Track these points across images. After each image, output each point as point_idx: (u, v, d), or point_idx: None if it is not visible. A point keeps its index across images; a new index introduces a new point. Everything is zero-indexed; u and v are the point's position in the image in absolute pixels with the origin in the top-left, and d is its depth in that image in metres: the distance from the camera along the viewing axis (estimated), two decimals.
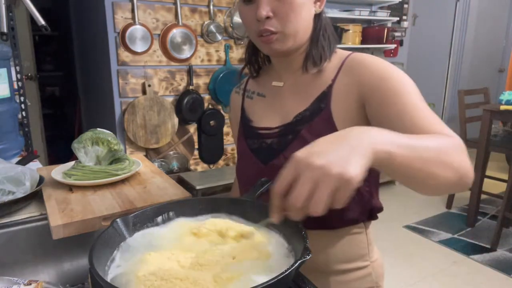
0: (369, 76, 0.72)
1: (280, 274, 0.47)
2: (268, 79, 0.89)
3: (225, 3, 2.73)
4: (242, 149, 0.89)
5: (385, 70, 0.72)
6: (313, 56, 0.78)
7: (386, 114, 0.69)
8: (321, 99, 0.77)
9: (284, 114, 0.82)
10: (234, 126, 0.97)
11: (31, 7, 1.28)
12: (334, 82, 0.77)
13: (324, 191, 0.45)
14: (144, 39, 2.46)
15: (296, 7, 0.72)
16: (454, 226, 3.01)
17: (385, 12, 3.62)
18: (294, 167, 0.47)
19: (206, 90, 2.81)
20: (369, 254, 0.85)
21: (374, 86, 0.71)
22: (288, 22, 0.73)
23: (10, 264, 0.88)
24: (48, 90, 4.59)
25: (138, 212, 0.67)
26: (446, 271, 2.43)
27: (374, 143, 0.48)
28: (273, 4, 0.72)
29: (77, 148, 1.00)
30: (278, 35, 0.74)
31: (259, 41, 0.77)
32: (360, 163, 0.46)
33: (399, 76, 0.71)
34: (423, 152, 0.53)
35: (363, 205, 0.80)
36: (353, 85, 0.74)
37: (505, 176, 2.90)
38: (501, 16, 4.97)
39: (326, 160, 0.45)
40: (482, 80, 4.53)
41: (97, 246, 0.56)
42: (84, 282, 0.87)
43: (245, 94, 0.94)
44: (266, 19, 0.72)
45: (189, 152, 2.83)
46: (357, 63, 0.75)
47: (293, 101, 0.82)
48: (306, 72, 0.80)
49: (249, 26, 0.77)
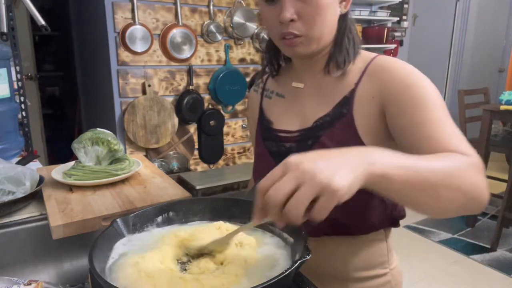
0: (393, 82, 0.69)
1: (280, 274, 0.47)
2: (288, 79, 0.86)
3: (225, 3, 2.73)
4: (260, 150, 0.86)
5: (410, 77, 0.68)
6: (336, 58, 0.75)
7: (404, 123, 0.66)
8: (343, 104, 0.74)
9: (303, 118, 0.80)
10: (252, 125, 0.94)
11: (31, 7, 1.28)
12: (357, 87, 0.73)
13: (306, 193, 0.43)
14: (144, 39, 2.46)
15: (322, 9, 0.68)
16: (454, 226, 3.01)
17: (385, 12, 3.62)
18: (282, 167, 0.46)
19: (206, 90, 2.81)
20: (389, 262, 0.83)
21: (396, 93, 0.68)
22: (313, 25, 0.69)
23: (10, 264, 0.88)
24: (48, 90, 4.59)
25: (138, 212, 0.67)
26: (446, 271, 2.43)
27: (370, 163, 0.47)
28: (298, 5, 0.68)
29: (77, 148, 1.00)
30: (302, 39, 0.70)
31: (281, 44, 0.74)
32: (348, 178, 0.44)
33: (424, 85, 0.67)
34: (428, 174, 0.51)
35: (385, 212, 0.78)
36: (375, 90, 0.71)
37: (505, 176, 2.90)
38: (501, 16, 4.97)
39: (315, 166, 0.44)
40: (482, 80, 4.53)
41: (97, 246, 0.56)
42: (84, 282, 0.87)
43: (264, 93, 0.91)
44: (290, 22, 0.69)
45: (189, 152, 2.83)
46: (382, 68, 0.72)
47: (313, 105, 0.79)
48: (329, 75, 0.77)
49: (271, 28, 0.74)
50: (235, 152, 3.05)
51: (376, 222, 0.77)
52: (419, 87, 0.67)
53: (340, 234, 0.78)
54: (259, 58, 2.96)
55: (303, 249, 0.53)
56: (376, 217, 0.77)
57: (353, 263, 0.80)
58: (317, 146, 0.75)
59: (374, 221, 0.77)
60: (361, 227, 0.78)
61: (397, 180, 0.49)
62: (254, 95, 0.94)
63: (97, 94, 3.01)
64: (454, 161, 0.55)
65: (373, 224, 0.77)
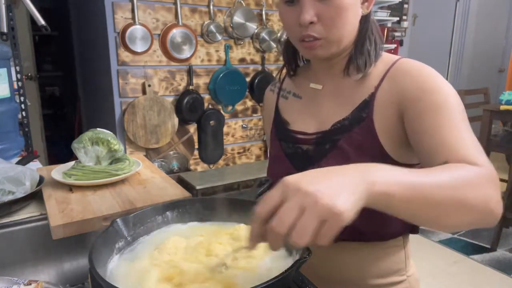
0: (413, 85, 0.67)
1: (280, 274, 0.47)
2: (306, 80, 0.83)
3: (225, 3, 2.73)
4: (276, 151, 0.84)
5: (431, 81, 0.66)
6: (357, 61, 0.73)
7: (420, 128, 0.64)
8: (363, 108, 0.72)
9: (321, 120, 0.77)
10: (267, 125, 0.92)
11: (31, 7, 1.28)
12: (377, 90, 0.71)
13: (310, 220, 0.41)
14: (144, 39, 2.45)
15: (343, 11, 0.66)
16: None
17: (385, 12, 3.62)
18: (281, 190, 0.44)
19: (206, 90, 2.81)
20: (406, 268, 0.80)
21: (416, 97, 0.66)
22: (333, 27, 0.67)
23: (10, 264, 0.87)
24: (48, 90, 4.58)
25: (138, 212, 0.67)
26: (446, 271, 2.43)
27: (370, 182, 0.45)
28: (318, 7, 0.66)
29: (77, 148, 1.00)
30: (322, 41, 0.68)
31: (300, 46, 0.72)
32: (350, 200, 0.42)
33: (445, 91, 0.65)
34: (434, 191, 0.48)
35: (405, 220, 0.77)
36: (395, 94, 0.69)
37: (505, 176, 2.90)
38: (501, 16, 4.97)
39: (317, 189, 0.42)
40: (482, 80, 4.53)
41: (97, 246, 0.56)
42: (84, 282, 0.87)
43: (280, 93, 0.88)
44: (310, 24, 0.66)
45: (189, 152, 2.83)
46: (403, 71, 0.70)
47: (331, 107, 0.77)
48: (348, 77, 0.75)
49: (290, 29, 0.72)
50: (235, 152, 3.05)
51: (395, 229, 0.75)
52: (439, 93, 0.65)
53: (357, 240, 0.76)
54: (259, 58, 2.96)
55: (303, 249, 0.52)
56: (396, 225, 0.75)
57: (369, 270, 0.77)
58: (335, 150, 0.73)
59: (394, 228, 0.75)
60: (380, 235, 0.75)
61: (400, 198, 0.47)
62: (270, 95, 0.91)
63: (97, 94, 3.01)
64: (464, 173, 0.52)
65: (392, 231, 0.75)
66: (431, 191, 0.48)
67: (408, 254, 0.81)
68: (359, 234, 0.74)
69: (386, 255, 0.78)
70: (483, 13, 4.65)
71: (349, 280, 0.79)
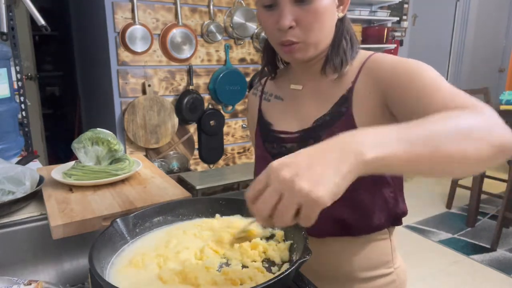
0: (385, 70, 0.70)
1: (280, 274, 0.47)
2: (286, 82, 0.86)
3: (225, 3, 2.73)
4: (261, 153, 0.86)
5: (399, 60, 0.69)
6: (333, 61, 0.75)
7: (406, 102, 0.65)
8: (341, 103, 0.74)
9: (303, 119, 0.80)
10: (251, 127, 0.94)
11: (31, 7, 1.28)
12: (354, 85, 0.74)
13: (286, 206, 0.43)
14: (144, 39, 2.45)
15: (320, 15, 0.69)
16: (454, 226, 3.01)
17: (385, 12, 3.62)
18: (266, 175, 0.46)
19: (206, 90, 2.81)
20: (393, 261, 0.83)
21: (390, 78, 0.68)
22: (311, 31, 0.70)
23: (10, 264, 0.87)
24: (48, 90, 4.59)
25: (138, 212, 0.67)
26: (446, 271, 2.43)
27: (359, 153, 0.44)
28: (296, 12, 0.68)
29: (77, 148, 1.00)
30: (300, 45, 0.71)
31: (280, 49, 0.75)
32: (332, 182, 0.42)
33: (414, 62, 0.67)
34: (434, 139, 0.46)
35: (388, 211, 0.78)
36: (372, 85, 0.71)
37: (505, 176, 2.90)
38: (501, 16, 4.97)
39: (294, 174, 0.43)
40: (482, 80, 4.53)
41: (97, 246, 0.56)
42: (84, 282, 0.87)
43: (263, 96, 0.91)
44: (289, 29, 0.69)
45: (189, 152, 2.83)
46: (377, 63, 0.73)
47: (312, 105, 0.79)
48: (326, 76, 0.78)
49: (269, 33, 0.74)
50: (235, 152, 3.05)
51: (380, 221, 0.77)
52: (409, 64, 0.67)
53: (344, 234, 0.78)
54: (259, 58, 2.96)
55: (303, 249, 0.52)
56: (380, 217, 0.77)
57: (357, 263, 0.80)
58: None
59: (378, 220, 0.77)
60: (365, 227, 0.77)
61: (400, 158, 0.45)
62: (253, 98, 0.94)
63: (97, 94, 3.01)
64: (465, 115, 0.50)
65: (377, 223, 0.77)
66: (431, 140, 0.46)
67: (394, 246, 0.83)
68: (345, 228, 0.77)
69: (373, 248, 0.80)
70: (483, 13, 4.65)
71: (338, 274, 0.81)
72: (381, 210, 0.77)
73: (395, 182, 0.78)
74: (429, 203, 3.42)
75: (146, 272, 0.56)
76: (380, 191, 0.76)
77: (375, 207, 0.76)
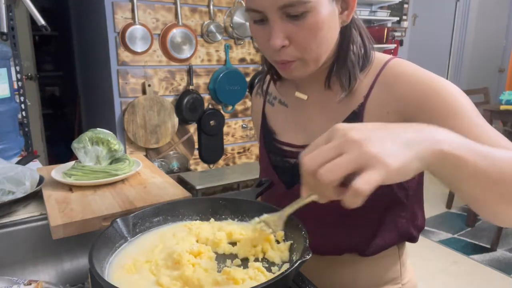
0: (411, 92, 0.61)
1: (280, 274, 0.47)
2: (291, 88, 0.78)
3: (225, 3, 2.73)
4: (265, 164, 0.81)
5: (431, 83, 0.61)
6: (340, 77, 0.66)
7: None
8: (352, 120, 0.67)
9: (309, 133, 0.74)
10: (256, 128, 0.89)
11: (31, 7, 1.28)
12: (367, 100, 0.66)
13: (344, 161, 0.38)
14: (144, 39, 2.46)
15: (317, 30, 0.60)
16: (454, 226, 3.01)
17: (385, 12, 3.62)
18: (327, 135, 0.42)
19: (206, 90, 2.81)
20: (401, 277, 0.78)
21: (419, 104, 0.60)
22: (307, 49, 0.61)
23: (10, 264, 0.87)
24: (48, 90, 4.58)
25: (138, 212, 0.67)
26: (446, 271, 2.43)
27: (438, 142, 0.40)
28: (289, 29, 0.59)
29: (77, 148, 1.00)
30: (297, 63, 0.64)
31: (276, 67, 0.68)
32: (405, 155, 0.38)
33: (448, 90, 0.60)
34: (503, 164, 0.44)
35: (397, 232, 0.73)
36: (390, 104, 0.63)
37: None
38: (501, 16, 4.97)
39: (364, 138, 0.38)
40: (482, 80, 4.53)
41: (97, 246, 0.56)
42: (84, 282, 0.87)
43: (267, 98, 0.85)
44: (282, 48, 0.61)
45: (189, 152, 2.83)
46: (395, 77, 0.64)
47: (319, 119, 0.72)
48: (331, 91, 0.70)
49: (262, 50, 0.66)
50: (235, 152, 3.05)
51: (388, 241, 0.72)
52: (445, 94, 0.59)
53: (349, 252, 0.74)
54: (259, 58, 2.96)
55: (303, 249, 0.52)
56: (388, 237, 0.72)
57: (362, 280, 0.76)
58: None
59: (385, 241, 0.72)
60: (372, 249, 0.72)
61: (469, 163, 0.41)
62: (256, 98, 0.89)
63: (97, 94, 3.01)
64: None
65: (384, 244, 0.72)
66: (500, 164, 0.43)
67: (403, 262, 0.79)
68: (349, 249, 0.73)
69: (380, 265, 0.76)
70: (483, 13, 4.65)
71: None
72: (390, 230, 0.72)
73: (412, 200, 0.72)
74: (429, 203, 3.41)
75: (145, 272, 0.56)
76: (390, 212, 0.71)
77: (384, 228, 0.72)
